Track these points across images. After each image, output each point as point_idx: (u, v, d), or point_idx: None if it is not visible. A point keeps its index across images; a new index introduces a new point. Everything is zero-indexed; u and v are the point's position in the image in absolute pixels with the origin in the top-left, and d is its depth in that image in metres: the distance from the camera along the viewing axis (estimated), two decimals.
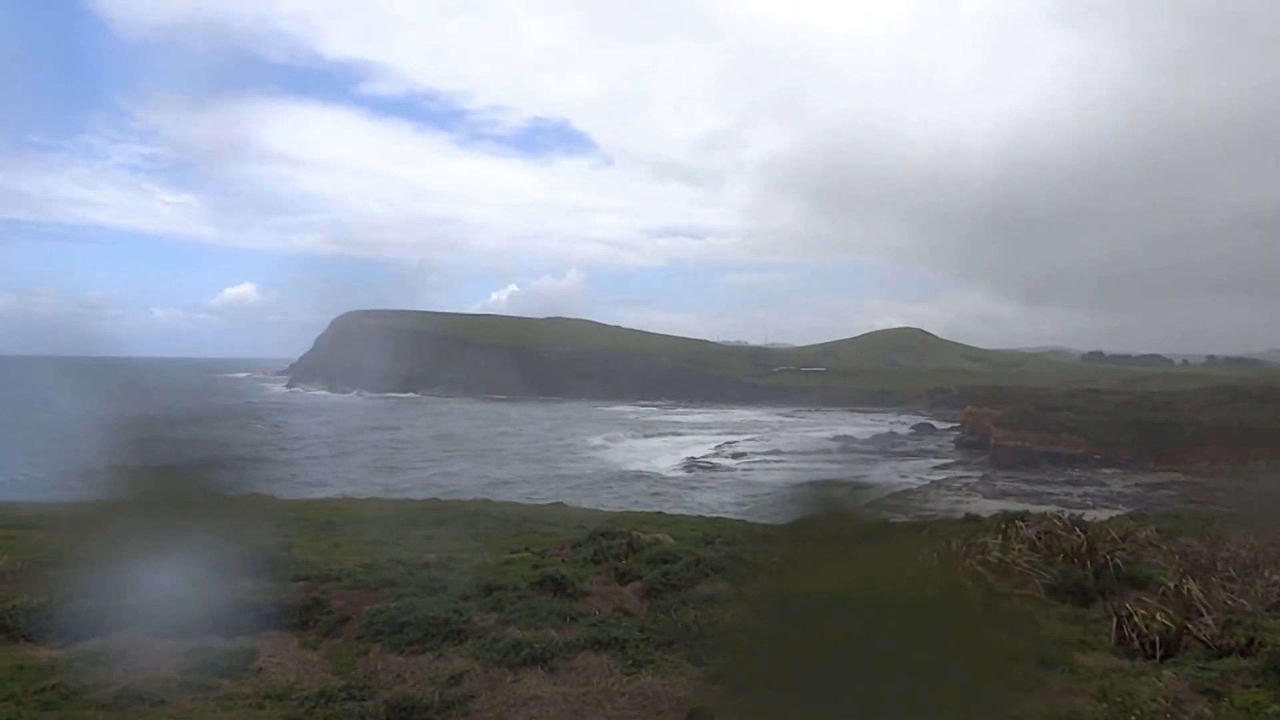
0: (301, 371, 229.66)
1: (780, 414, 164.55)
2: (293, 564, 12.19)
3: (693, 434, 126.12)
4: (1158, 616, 8.89)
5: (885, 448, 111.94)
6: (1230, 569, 11.62)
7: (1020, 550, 11.75)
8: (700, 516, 31.41)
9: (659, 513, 33.41)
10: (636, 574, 11.40)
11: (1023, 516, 16.15)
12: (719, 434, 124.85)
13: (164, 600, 8.87)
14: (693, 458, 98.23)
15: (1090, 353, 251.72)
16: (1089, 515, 18.10)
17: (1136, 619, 8.92)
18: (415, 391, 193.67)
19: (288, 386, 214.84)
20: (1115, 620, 9.18)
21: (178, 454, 7.38)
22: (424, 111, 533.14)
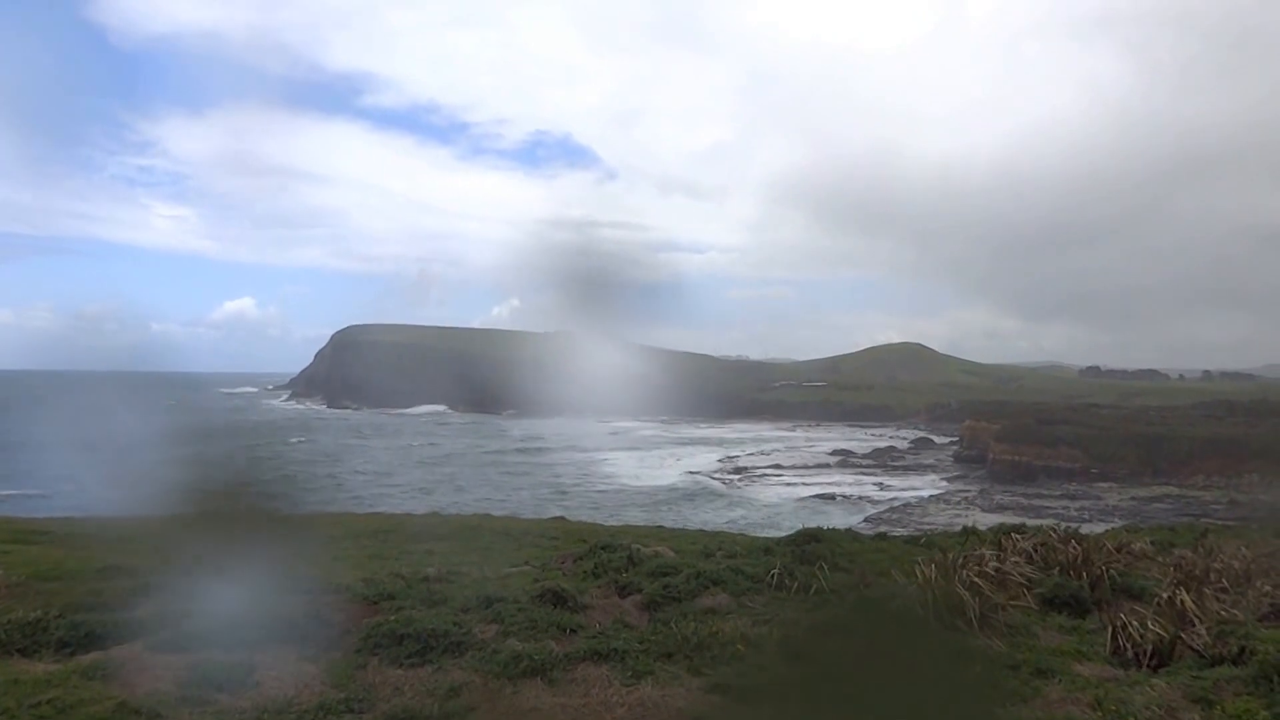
0: (302, 386, 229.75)
1: (781, 429, 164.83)
2: (292, 578, 12.22)
3: (694, 449, 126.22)
4: (1152, 626, 8.96)
5: (885, 462, 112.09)
6: (1223, 580, 11.74)
7: (1017, 562, 11.82)
8: (701, 530, 31.46)
9: (659, 526, 33.49)
10: (637, 587, 11.41)
11: (1019, 529, 16.25)
12: (720, 449, 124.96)
13: (162, 614, 8.89)
14: (694, 472, 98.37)
15: (1088, 367, 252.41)
16: (1085, 528, 18.19)
17: (1131, 629, 8.99)
18: (415, 407, 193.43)
19: (287, 401, 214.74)
20: (1110, 630, 9.25)
21: (187, 473, 7.46)
22: (426, 124, 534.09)
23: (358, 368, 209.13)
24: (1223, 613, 9.90)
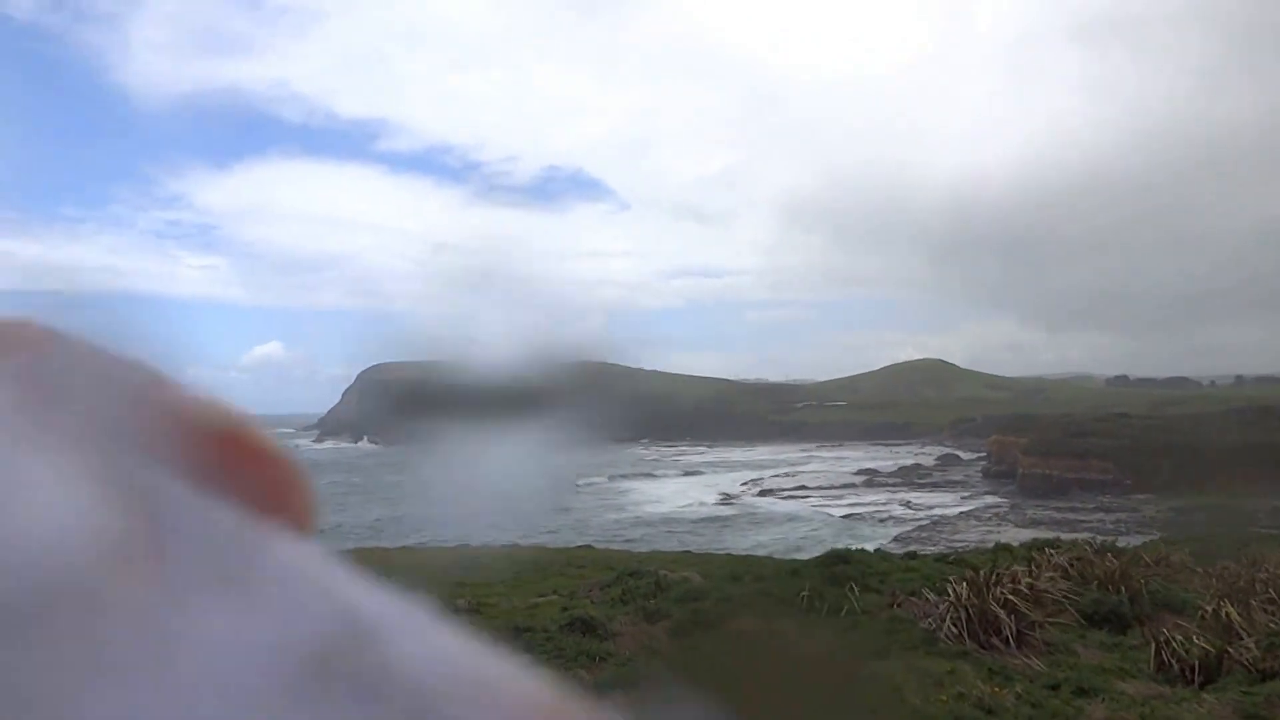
0: (331, 426, 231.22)
1: (804, 449, 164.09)
2: None
3: (717, 472, 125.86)
4: (1197, 641, 8.74)
5: (911, 479, 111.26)
6: (1270, 590, 11.42)
7: (1052, 578, 11.60)
8: (728, 554, 31.21)
9: (687, 551, 33.26)
10: (665, 613, 11.33)
11: (1054, 544, 15.97)
12: (745, 471, 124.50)
13: None
14: (719, 495, 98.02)
15: (1115, 377, 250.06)
16: (1122, 541, 17.90)
17: (1175, 644, 8.78)
18: (438, 442, 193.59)
19: (317, 441, 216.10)
20: (1154, 646, 9.04)
21: None
22: (440, 165, 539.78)
23: (386, 404, 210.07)
24: (1271, 625, 9.65)
